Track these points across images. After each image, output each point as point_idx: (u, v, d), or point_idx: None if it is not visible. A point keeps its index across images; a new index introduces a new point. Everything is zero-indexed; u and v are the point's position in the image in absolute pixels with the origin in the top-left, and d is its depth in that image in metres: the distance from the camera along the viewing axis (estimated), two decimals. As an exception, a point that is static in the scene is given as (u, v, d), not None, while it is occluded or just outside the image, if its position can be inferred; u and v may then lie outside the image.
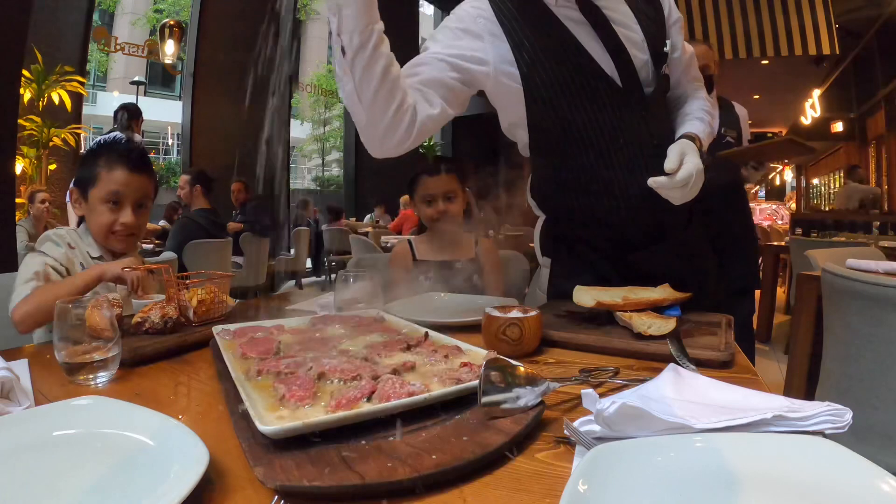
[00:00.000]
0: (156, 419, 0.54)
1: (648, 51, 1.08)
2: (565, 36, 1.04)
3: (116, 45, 10.82)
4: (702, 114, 1.18)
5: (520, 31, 1.06)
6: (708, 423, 0.51)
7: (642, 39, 1.08)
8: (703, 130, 1.14)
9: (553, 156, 1.15)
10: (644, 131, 1.09)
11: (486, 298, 1.28)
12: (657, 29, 1.11)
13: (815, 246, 3.08)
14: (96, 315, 0.76)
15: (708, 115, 1.19)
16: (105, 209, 1.23)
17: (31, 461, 0.49)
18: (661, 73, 1.11)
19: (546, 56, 1.05)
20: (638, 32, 1.08)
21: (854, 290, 1.37)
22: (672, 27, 1.16)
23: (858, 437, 1.17)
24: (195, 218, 3.94)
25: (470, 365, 0.66)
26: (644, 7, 1.12)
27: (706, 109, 1.20)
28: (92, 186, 1.24)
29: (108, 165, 1.24)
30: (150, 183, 1.30)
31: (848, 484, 0.42)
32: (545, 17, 1.05)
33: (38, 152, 4.78)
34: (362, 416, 0.53)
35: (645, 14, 1.11)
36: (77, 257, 1.23)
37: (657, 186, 1.00)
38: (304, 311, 1.18)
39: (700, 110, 1.19)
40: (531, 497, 0.45)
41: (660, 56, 1.09)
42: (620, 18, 1.07)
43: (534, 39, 1.06)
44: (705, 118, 1.18)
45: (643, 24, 1.09)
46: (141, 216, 1.28)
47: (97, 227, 1.25)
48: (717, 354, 0.80)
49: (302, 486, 0.43)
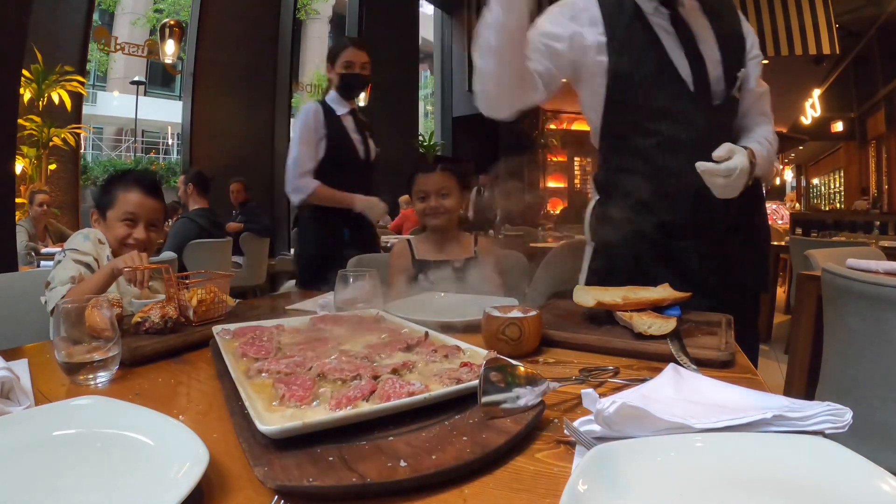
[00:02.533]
0: (156, 419, 0.54)
1: (722, 69, 1.21)
2: (652, 37, 1.20)
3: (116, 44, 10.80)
4: (763, 140, 1.24)
5: (615, 24, 1.22)
6: (708, 423, 0.51)
7: (718, 60, 1.21)
8: (759, 151, 1.19)
9: (619, 138, 1.29)
10: (705, 134, 1.18)
11: (486, 298, 1.28)
12: (735, 57, 1.24)
13: (815, 246, 3.08)
14: (96, 315, 0.76)
15: (769, 143, 1.25)
16: (121, 226, 1.39)
17: (31, 461, 0.49)
18: (731, 94, 1.22)
19: (632, 48, 1.20)
20: (716, 52, 1.21)
21: (854, 290, 1.37)
22: (750, 61, 1.27)
23: (858, 437, 1.17)
24: (193, 218, 3.94)
25: (470, 365, 0.67)
26: (728, 37, 1.24)
27: (768, 139, 1.26)
28: (110, 207, 1.40)
29: (125, 189, 1.40)
30: (161, 207, 1.46)
31: (848, 484, 0.42)
32: (639, 18, 1.21)
33: (38, 152, 4.78)
34: (362, 416, 0.53)
35: (727, 42, 1.23)
36: (105, 251, 1.36)
37: (702, 169, 1.08)
38: (304, 311, 1.18)
39: (762, 137, 1.26)
40: (531, 497, 0.45)
41: (732, 77, 1.21)
42: (704, 38, 1.21)
43: (625, 33, 1.21)
44: (765, 144, 1.24)
45: (723, 49, 1.22)
46: (152, 234, 1.43)
47: (114, 240, 1.39)
48: (718, 354, 0.80)
49: (302, 486, 0.43)
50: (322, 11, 20.79)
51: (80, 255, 1.28)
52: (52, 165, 4.95)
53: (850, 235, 4.81)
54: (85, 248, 1.30)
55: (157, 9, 16.50)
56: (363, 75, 2.26)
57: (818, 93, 10.09)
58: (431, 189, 1.69)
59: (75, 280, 1.22)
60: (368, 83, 2.32)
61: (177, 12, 14.55)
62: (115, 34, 13.28)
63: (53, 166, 4.98)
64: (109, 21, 16.71)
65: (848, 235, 4.80)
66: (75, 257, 1.27)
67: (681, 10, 1.20)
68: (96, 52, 13.29)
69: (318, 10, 20.54)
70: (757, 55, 1.28)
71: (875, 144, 10.90)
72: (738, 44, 1.25)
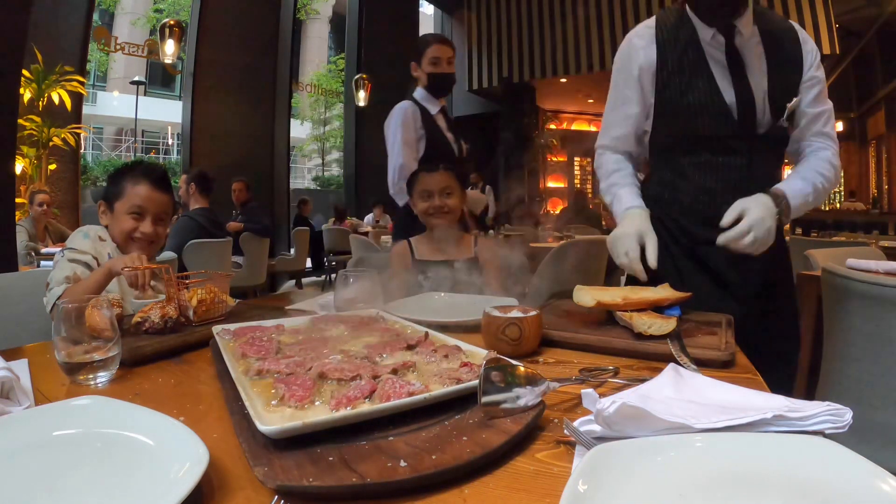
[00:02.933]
0: (156, 419, 0.54)
1: (769, 102, 1.21)
2: (702, 65, 1.23)
3: (116, 44, 10.81)
4: (811, 174, 1.21)
5: (668, 49, 1.26)
6: (708, 423, 0.51)
7: (765, 90, 1.21)
8: (799, 190, 1.17)
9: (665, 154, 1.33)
10: (748, 160, 1.22)
11: (486, 298, 1.28)
12: (785, 87, 1.22)
13: (815, 246, 3.07)
14: (96, 315, 0.76)
15: (820, 175, 1.21)
16: (128, 219, 1.37)
17: (31, 461, 0.49)
18: (779, 123, 1.22)
19: (682, 74, 1.25)
20: (764, 82, 1.21)
21: (854, 290, 1.37)
22: (805, 84, 1.23)
23: (858, 437, 1.17)
24: (194, 217, 3.94)
25: (470, 365, 0.66)
26: (781, 66, 1.23)
27: (820, 171, 1.22)
28: (117, 200, 1.38)
29: (133, 182, 1.38)
30: (169, 200, 1.45)
31: (848, 484, 0.42)
32: (694, 45, 1.24)
33: (38, 152, 4.78)
34: (362, 416, 0.53)
35: (779, 72, 1.22)
36: (106, 248, 1.35)
37: (723, 244, 1.10)
38: (304, 311, 1.18)
39: (811, 170, 1.22)
40: (531, 497, 0.45)
41: (779, 108, 1.21)
42: (756, 67, 1.21)
43: (677, 58, 1.25)
44: (812, 178, 1.21)
45: (772, 79, 1.21)
46: (159, 227, 1.41)
47: (120, 233, 1.38)
48: (718, 354, 0.80)
49: (302, 486, 0.43)
50: (322, 11, 20.80)
51: (77, 255, 1.28)
52: (52, 165, 4.95)
53: (850, 235, 4.81)
54: (83, 246, 1.30)
55: (157, 9, 16.50)
56: (451, 73, 2.26)
57: (818, 93, 10.07)
58: (436, 188, 1.69)
59: (70, 280, 1.22)
60: (455, 80, 2.31)
61: (177, 12, 14.54)
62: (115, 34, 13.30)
63: (53, 166, 4.98)
64: (109, 21, 16.72)
65: (848, 235, 4.80)
66: (71, 256, 1.27)
67: (737, 38, 1.20)
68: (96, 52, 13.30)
69: (318, 10, 20.54)
70: (814, 77, 1.24)
71: (875, 144, 10.89)
72: (791, 73, 1.24)
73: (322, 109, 20.51)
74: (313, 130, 20.99)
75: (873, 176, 11.07)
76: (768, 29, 1.23)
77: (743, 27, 1.19)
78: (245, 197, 5.10)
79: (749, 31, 1.20)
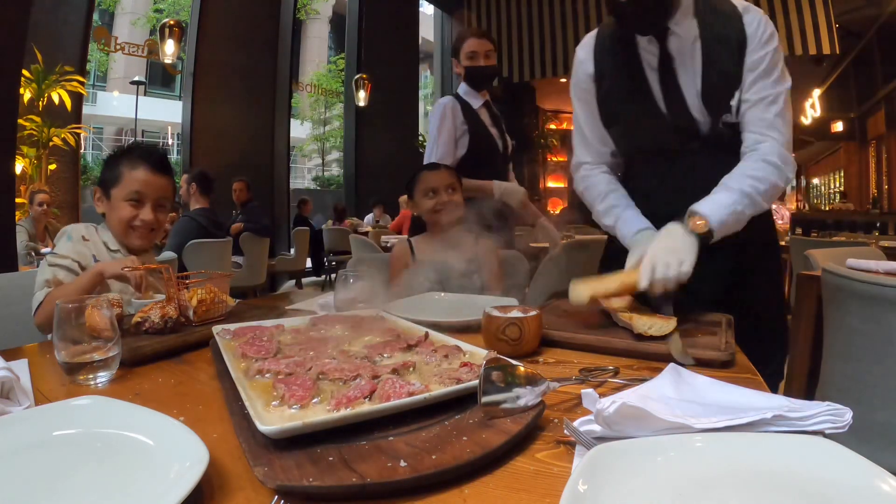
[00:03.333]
0: (156, 419, 0.54)
1: (702, 103, 1.17)
2: (637, 71, 1.21)
3: (116, 44, 10.80)
4: (738, 181, 1.10)
5: (604, 59, 1.26)
6: (708, 423, 0.51)
7: (698, 92, 1.17)
8: (723, 204, 1.07)
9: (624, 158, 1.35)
10: (687, 165, 1.21)
11: (486, 298, 1.28)
12: (725, 80, 1.15)
13: (815, 246, 3.07)
14: (96, 315, 0.76)
15: (751, 179, 1.10)
16: (126, 206, 1.29)
17: (31, 461, 0.49)
18: (722, 122, 1.17)
19: (618, 80, 1.23)
20: (698, 84, 1.16)
21: (854, 290, 1.37)
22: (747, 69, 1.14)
23: (858, 437, 1.17)
24: (194, 217, 3.94)
25: (470, 365, 0.67)
26: (720, 58, 1.15)
27: (749, 173, 1.11)
28: (114, 186, 1.30)
29: (130, 166, 1.29)
30: (169, 184, 1.36)
31: (848, 484, 0.42)
32: (632, 54, 1.21)
33: (38, 152, 4.77)
34: (362, 416, 0.53)
35: (716, 66, 1.15)
36: (90, 249, 1.28)
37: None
38: (304, 311, 1.18)
39: (739, 176, 1.11)
40: (531, 497, 0.45)
41: (716, 107, 1.16)
42: (690, 69, 1.17)
43: (613, 66, 1.24)
44: (739, 185, 1.09)
45: (708, 76, 1.16)
46: (160, 214, 1.33)
47: (118, 222, 1.30)
48: (718, 354, 0.80)
49: (302, 486, 0.43)
50: (322, 11, 20.80)
51: (58, 259, 1.23)
52: (52, 165, 4.95)
53: (850, 235, 4.81)
54: (64, 250, 1.25)
55: (157, 9, 16.50)
56: (489, 65, 2.20)
57: (818, 93, 10.09)
58: (441, 185, 1.68)
59: (50, 283, 1.18)
60: (496, 73, 2.26)
61: (177, 12, 14.54)
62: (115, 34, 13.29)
63: (53, 166, 4.98)
64: (109, 21, 16.72)
65: (848, 235, 4.80)
66: (52, 261, 1.22)
67: (673, 41, 1.16)
68: (96, 52, 13.30)
69: (318, 10, 20.54)
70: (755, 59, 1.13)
71: (875, 144, 10.90)
72: (730, 64, 1.15)
73: (322, 109, 20.51)
74: (313, 130, 21.00)
75: (873, 176, 11.07)
76: (709, 21, 1.16)
77: (678, 28, 1.14)
78: (245, 197, 5.10)
79: (686, 30, 1.15)
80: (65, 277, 1.21)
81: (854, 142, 11.69)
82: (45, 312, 1.15)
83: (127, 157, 1.31)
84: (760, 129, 1.14)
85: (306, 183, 20.89)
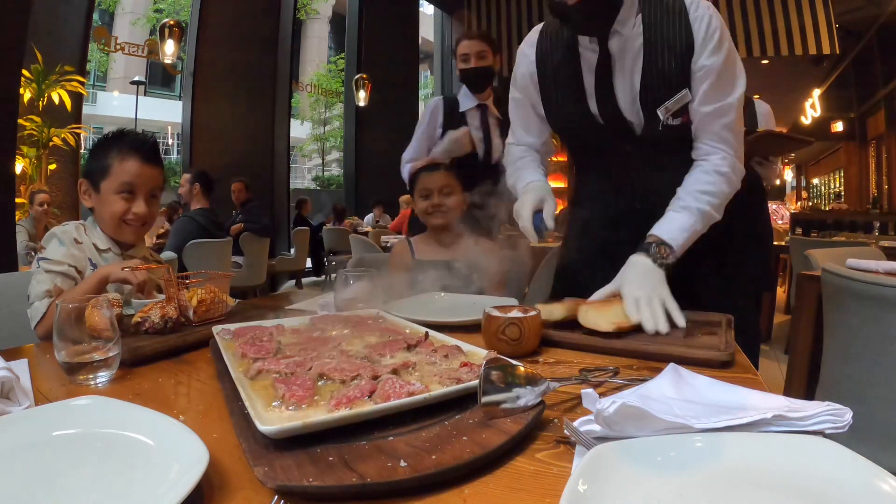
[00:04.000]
0: (156, 419, 0.54)
1: (640, 105, 1.14)
2: (574, 71, 1.20)
3: (116, 44, 10.79)
4: (690, 199, 1.11)
5: (546, 59, 1.24)
6: (708, 423, 0.51)
7: (635, 95, 1.14)
8: (679, 225, 1.08)
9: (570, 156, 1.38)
10: (632, 163, 1.22)
11: (487, 298, 1.28)
12: (667, 85, 1.12)
13: (815, 246, 3.07)
14: (96, 315, 0.76)
15: (703, 195, 1.10)
16: (118, 199, 1.23)
17: (31, 461, 0.49)
18: (663, 124, 1.14)
19: (556, 80, 1.23)
20: (634, 89, 1.14)
21: (854, 290, 1.37)
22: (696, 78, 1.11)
23: (858, 437, 1.17)
24: (195, 217, 3.94)
25: (470, 365, 0.66)
26: (661, 60, 1.12)
27: (701, 189, 1.11)
28: (104, 178, 1.23)
29: (120, 156, 1.23)
30: (161, 174, 1.30)
31: (848, 484, 0.42)
32: (572, 53, 1.20)
33: (38, 152, 4.77)
34: (362, 416, 0.53)
35: (659, 70, 1.12)
36: (84, 252, 1.23)
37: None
38: (304, 311, 1.18)
39: (690, 194, 1.11)
40: (531, 497, 0.45)
41: (652, 113, 1.14)
42: (628, 70, 1.14)
43: (552, 66, 1.23)
44: (693, 204, 1.10)
45: (649, 80, 1.12)
46: (152, 206, 1.28)
47: (109, 216, 1.24)
48: (718, 354, 0.80)
49: (302, 486, 0.43)
50: (322, 11, 20.80)
51: (53, 265, 1.17)
52: (52, 165, 4.95)
53: (850, 235, 4.82)
54: (58, 255, 1.19)
55: (157, 9, 16.50)
56: (481, 67, 2.16)
57: (818, 93, 10.09)
58: (434, 187, 1.69)
59: (51, 293, 1.14)
60: (491, 74, 2.20)
61: (177, 12, 14.55)
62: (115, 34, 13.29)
63: (53, 166, 4.98)
64: (109, 21, 16.72)
65: (848, 235, 4.80)
66: (47, 268, 1.17)
67: (615, 40, 1.13)
68: (96, 52, 13.30)
69: (318, 10, 20.54)
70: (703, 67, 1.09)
71: (875, 144, 10.89)
72: (672, 67, 1.11)
73: (322, 109, 20.52)
74: (313, 130, 21.00)
75: (873, 176, 11.07)
76: (654, 21, 1.12)
77: (622, 28, 1.12)
78: (245, 197, 5.10)
79: (629, 29, 1.12)
80: (63, 284, 1.17)
81: (854, 142, 11.68)
82: (49, 324, 1.08)
83: (116, 146, 1.24)
84: (711, 140, 1.14)
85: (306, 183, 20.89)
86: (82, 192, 1.28)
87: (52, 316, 1.08)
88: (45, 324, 1.11)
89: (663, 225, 1.10)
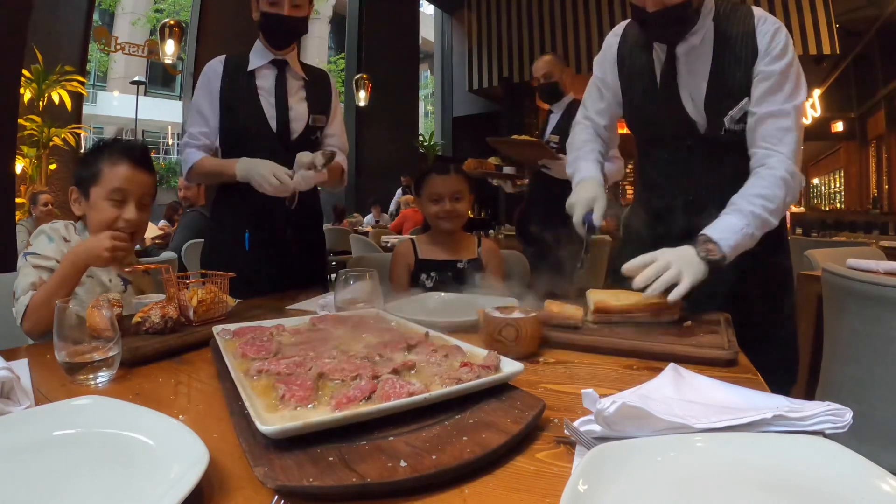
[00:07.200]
0: (156, 419, 0.54)
1: (704, 109, 1.20)
2: (647, 72, 1.28)
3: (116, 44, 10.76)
4: (747, 202, 1.09)
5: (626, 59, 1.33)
6: (708, 423, 0.51)
7: (700, 100, 1.20)
8: (732, 228, 1.06)
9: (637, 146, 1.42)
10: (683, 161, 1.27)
11: (487, 298, 1.28)
12: (731, 92, 1.17)
13: (815, 246, 3.07)
14: (96, 315, 0.76)
15: (761, 199, 1.09)
16: (108, 206, 1.20)
17: (31, 461, 0.49)
18: (725, 128, 1.19)
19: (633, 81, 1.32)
20: (700, 93, 1.20)
21: (854, 290, 1.37)
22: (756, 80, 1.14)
23: (858, 437, 1.17)
24: (204, 212, 3.93)
25: (470, 365, 0.66)
26: (729, 65, 1.17)
27: (760, 193, 1.10)
28: (94, 184, 1.21)
29: (111, 162, 1.21)
30: (153, 181, 1.28)
31: (848, 484, 0.42)
32: (647, 53, 1.27)
33: (38, 152, 4.78)
34: (362, 416, 0.53)
35: (724, 76, 1.17)
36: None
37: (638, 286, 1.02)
38: (304, 311, 1.18)
39: (748, 197, 1.10)
40: (531, 497, 0.45)
41: (715, 117, 1.19)
42: (695, 74, 1.20)
43: (630, 66, 1.32)
44: (749, 207, 1.08)
45: (715, 85, 1.18)
46: (143, 213, 1.25)
47: (99, 224, 1.21)
48: (721, 353, 0.80)
49: (302, 486, 0.43)
50: (322, 11, 20.79)
51: (41, 260, 1.15)
52: (52, 165, 4.96)
53: (850, 235, 4.81)
54: (47, 251, 1.17)
55: (157, 9, 16.51)
56: (294, 16, 1.53)
57: (818, 93, 10.08)
58: (446, 192, 1.67)
59: (36, 286, 1.11)
60: (301, 28, 1.58)
61: (177, 12, 14.55)
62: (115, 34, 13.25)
63: (53, 166, 4.99)
64: (109, 21, 16.71)
65: (848, 235, 4.80)
66: (35, 262, 1.15)
67: (682, 46, 1.19)
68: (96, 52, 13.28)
69: (318, 10, 20.54)
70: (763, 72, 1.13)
71: (875, 144, 10.89)
72: (738, 73, 1.16)
73: (322, 109, 20.47)
74: (313, 130, 20.95)
75: (873, 176, 11.06)
76: (723, 30, 1.17)
77: (692, 35, 1.18)
78: (245, 197, 5.09)
79: (699, 36, 1.17)
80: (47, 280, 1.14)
81: (854, 142, 11.67)
82: (34, 316, 1.07)
83: (107, 152, 1.22)
84: (769, 144, 1.14)
85: (306, 183, 20.84)
86: (72, 199, 1.26)
87: (35, 308, 1.06)
88: (30, 317, 1.08)
89: (713, 225, 1.10)
